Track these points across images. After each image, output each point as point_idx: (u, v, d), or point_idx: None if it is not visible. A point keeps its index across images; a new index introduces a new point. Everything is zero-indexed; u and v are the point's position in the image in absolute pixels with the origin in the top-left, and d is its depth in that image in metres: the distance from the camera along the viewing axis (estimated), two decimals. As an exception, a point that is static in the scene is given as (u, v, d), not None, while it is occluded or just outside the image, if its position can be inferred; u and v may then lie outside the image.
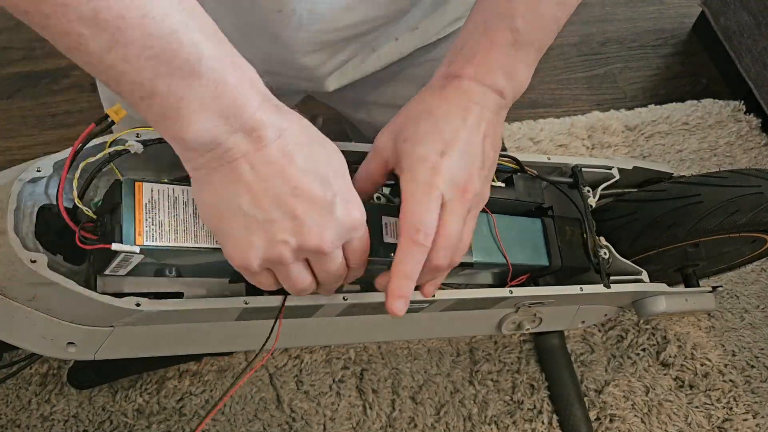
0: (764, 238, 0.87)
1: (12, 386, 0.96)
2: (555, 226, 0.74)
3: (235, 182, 0.45)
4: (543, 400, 1.03)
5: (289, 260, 0.47)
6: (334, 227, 0.47)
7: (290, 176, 0.45)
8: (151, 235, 0.51)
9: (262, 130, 0.44)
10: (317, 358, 1.02)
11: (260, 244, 0.46)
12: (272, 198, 0.45)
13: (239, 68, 0.43)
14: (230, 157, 0.44)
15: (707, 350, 1.08)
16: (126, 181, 0.51)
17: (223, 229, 0.47)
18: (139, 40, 0.39)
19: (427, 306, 0.69)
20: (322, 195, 0.46)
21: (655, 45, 1.48)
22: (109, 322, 0.58)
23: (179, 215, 0.52)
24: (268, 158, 0.45)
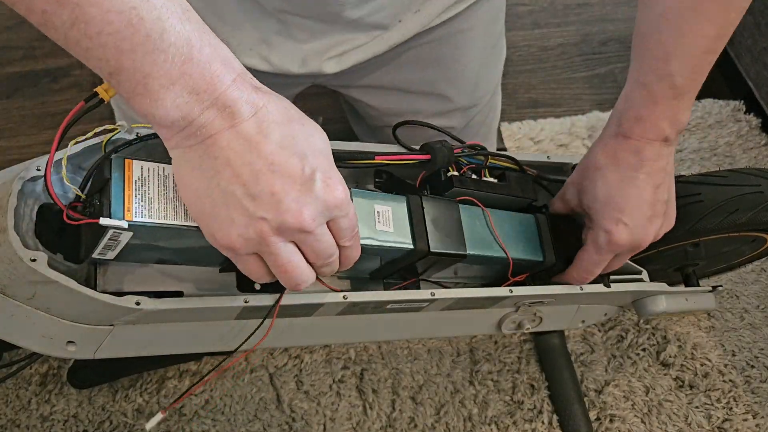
0: (764, 238, 0.87)
1: (12, 386, 0.96)
2: (549, 222, 0.74)
3: (211, 160, 0.45)
4: (543, 400, 1.02)
5: (271, 237, 0.47)
6: (313, 203, 0.47)
7: (267, 152, 0.45)
8: (140, 212, 0.50)
9: (235, 106, 0.44)
10: (317, 358, 1.02)
11: (240, 221, 0.46)
12: (249, 174, 0.45)
13: (209, 45, 0.43)
14: (204, 134, 0.44)
15: (707, 350, 1.08)
16: (116, 158, 0.51)
17: (202, 209, 0.47)
18: (99, 16, 0.39)
19: (427, 306, 0.69)
20: (300, 171, 0.46)
21: (655, 45, 1.48)
22: (109, 320, 0.58)
23: (169, 194, 0.51)
24: (243, 134, 0.45)
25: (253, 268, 0.50)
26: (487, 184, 0.71)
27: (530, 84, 1.38)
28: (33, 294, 0.54)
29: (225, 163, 0.45)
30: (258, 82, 0.47)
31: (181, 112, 0.43)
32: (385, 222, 0.61)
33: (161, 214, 0.50)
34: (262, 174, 0.45)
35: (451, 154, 0.67)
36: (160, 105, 0.43)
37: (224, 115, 0.44)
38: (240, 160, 0.45)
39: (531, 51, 1.43)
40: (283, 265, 0.49)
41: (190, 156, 0.46)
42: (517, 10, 1.48)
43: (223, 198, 0.45)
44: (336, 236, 0.50)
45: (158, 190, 0.51)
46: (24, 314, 0.56)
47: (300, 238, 0.48)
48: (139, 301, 0.54)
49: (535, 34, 1.46)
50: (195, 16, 0.43)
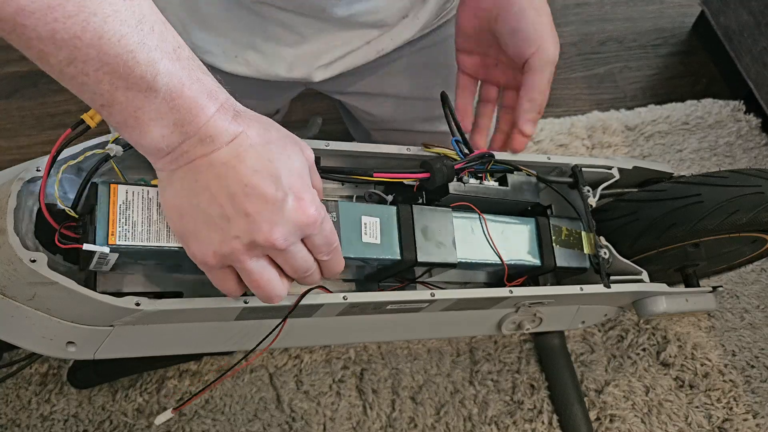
0: (764, 238, 0.87)
1: (12, 386, 0.96)
2: (550, 225, 0.73)
3: (192, 182, 0.48)
4: (543, 400, 1.03)
5: (243, 255, 0.49)
6: (284, 223, 0.49)
7: (241, 175, 0.47)
8: (123, 235, 0.52)
9: (215, 135, 0.47)
10: (317, 358, 1.02)
11: (215, 239, 0.49)
12: (226, 197, 0.48)
13: (197, 81, 0.46)
14: (186, 159, 0.47)
15: (707, 350, 1.08)
16: (101, 183, 0.53)
17: (184, 227, 0.50)
18: (96, 57, 0.41)
19: (427, 306, 0.69)
20: (273, 193, 0.48)
21: (655, 44, 1.48)
22: (109, 321, 0.58)
23: (152, 216, 0.54)
24: (220, 159, 0.47)
25: (225, 283, 0.52)
26: (486, 190, 0.71)
27: (530, 84, 1.38)
28: (33, 295, 0.54)
29: (204, 187, 0.48)
30: (241, 107, 0.50)
31: (167, 141, 0.46)
32: (371, 234, 0.63)
33: (144, 237, 0.53)
34: (236, 197, 0.47)
35: (451, 173, 0.66)
36: (148, 136, 0.46)
37: (205, 143, 0.47)
38: (217, 184, 0.47)
39: (531, 51, 1.43)
40: (255, 281, 0.51)
41: (174, 178, 0.49)
42: (517, 9, 1.48)
43: (202, 218, 0.49)
44: (312, 252, 0.53)
45: (142, 213, 0.54)
46: (24, 315, 0.56)
47: (274, 254, 0.51)
48: (139, 302, 0.54)
49: (535, 33, 1.46)
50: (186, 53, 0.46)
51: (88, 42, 0.40)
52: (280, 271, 0.53)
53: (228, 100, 0.49)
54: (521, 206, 0.74)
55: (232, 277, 0.52)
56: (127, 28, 0.41)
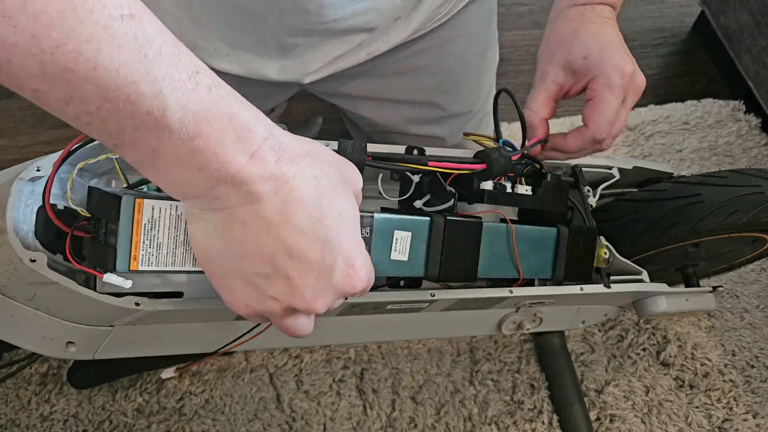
0: (764, 238, 0.87)
1: (12, 386, 0.96)
2: (569, 236, 0.72)
3: (227, 231, 0.42)
4: (543, 400, 1.02)
5: (279, 315, 0.45)
6: (329, 294, 0.45)
7: (286, 237, 0.42)
8: (147, 259, 0.48)
9: (253, 185, 0.40)
10: (317, 358, 1.02)
11: (250, 294, 0.44)
12: (264, 256, 0.42)
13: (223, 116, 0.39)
14: (219, 205, 0.41)
15: (707, 350, 1.08)
16: (126, 199, 0.47)
17: (212, 270, 0.45)
18: (95, 93, 0.35)
19: (427, 306, 0.69)
20: (320, 259, 0.43)
21: (655, 44, 1.48)
22: (109, 321, 0.58)
23: (179, 236, 0.49)
24: (261, 215, 0.41)
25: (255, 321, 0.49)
26: (520, 198, 0.68)
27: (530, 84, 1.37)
28: (33, 295, 0.54)
29: (240, 240, 0.42)
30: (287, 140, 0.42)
31: (193, 187, 0.40)
32: (401, 250, 0.60)
33: (169, 260, 0.48)
34: (279, 257, 0.42)
35: (509, 164, 0.64)
36: (169, 178, 0.40)
37: (240, 192, 0.40)
38: (256, 241, 0.42)
39: (531, 51, 1.43)
40: (287, 329, 0.47)
41: (205, 218, 0.43)
42: (517, 9, 1.48)
43: (236, 271, 0.43)
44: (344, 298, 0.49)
45: (168, 233, 0.49)
46: (24, 315, 0.56)
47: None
48: (139, 302, 0.54)
49: (535, 34, 1.46)
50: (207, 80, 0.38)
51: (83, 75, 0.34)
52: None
53: (269, 138, 0.41)
54: (551, 215, 0.73)
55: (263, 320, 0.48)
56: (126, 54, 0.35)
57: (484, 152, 0.64)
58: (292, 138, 0.43)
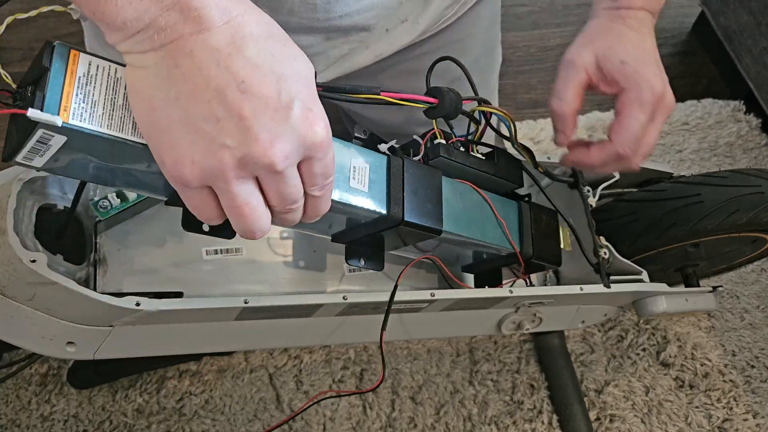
0: (764, 238, 0.87)
1: (12, 386, 0.96)
2: (531, 213, 0.71)
3: (170, 69, 0.38)
4: (543, 400, 1.02)
5: (231, 172, 0.40)
6: (288, 136, 0.40)
7: (238, 67, 0.38)
8: (79, 114, 0.41)
9: (203, 9, 0.37)
10: (317, 358, 1.02)
11: (197, 145, 0.39)
12: (214, 91, 0.38)
13: None
14: (164, 38, 0.38)
15: (707, 350, 1.08)
16: (59, 45, 0.41)
17: (155, 126, 0.40)
18: None
19: (427, 306, 0.69)
20: (276, 94, 0.39)
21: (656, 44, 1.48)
22: (109, 321, 0.58)
23: (117, 100, 0.42)
24: (211, 43, 0.38)
25: (203, 206, 0.43)
26: (475, 160, 0.66)
27: (530, 84, 1.38)
28: (33, 295, 0.54)
29: (187, 75, 0.38)
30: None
31: (137, 11, 0.37)
32: (360, 180, 0.55)
33: (104, 122, 0.42)
34: (230, 92, 0.38)
35: (459, 102, 0.61)
36: (113, 3, 0.37)
37: (189, 18, 0.37)
38: (205, 74, 0.38)
39: (530, 51, 1.43)
40: (239, 207, 0.42)
41: (147, 62, 0.39)
42: (516, 10, 1.48)
43: (181, 115, 0.39)
44: (305, 181, 0.44)
45: (105, 94, 0.42)
46: (24, 315, 0.56)
47: (264, 176, 0.41)
48: (139, 302, 0.54)
49: (535, 34, 1.46)
50: None
51: None
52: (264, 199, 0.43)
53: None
54: (506, 186, 0.70)
55: (211, 200, 0.42)
56: None
57: (436, 88, 0.62)
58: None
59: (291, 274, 0.70)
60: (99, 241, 0.62)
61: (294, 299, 0.60)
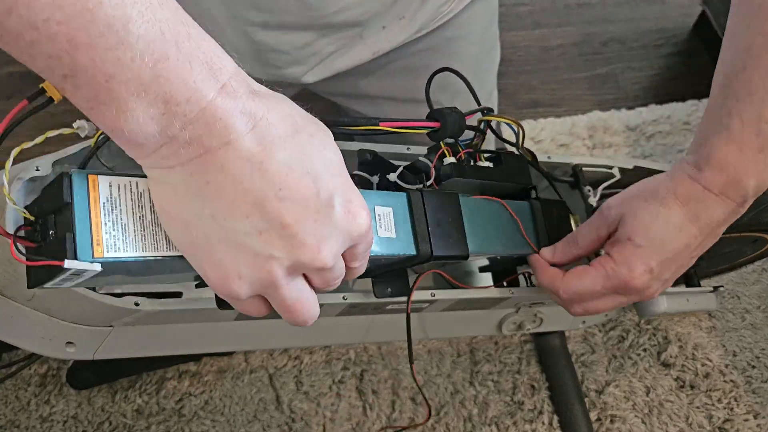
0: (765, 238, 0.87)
1: (11, 387, 0.96)
2: (542, 209, 0.70)
3: (201, 185, 0.36)
4: (543, 401, 1.02)
5: (281, 280, 0.39)
6: (334, 235, 0.39)
7: (272, 175, 0.36)
8: (113, 244, 0.39)
9: (228, 118, 0.35)
10: (317, 358, 1.02)
11: (242, 261, 0.37)
12: (252, 204, 0.36)
13: (189, 39, 0.34)
14: (190, 153, 0.35)
15: (708, 350, 1.08)
16: (76, 175, 0.39)
17: (193, 245, 0.38)
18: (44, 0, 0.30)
19: (428, 306, 0.69)
20: (315, 195, 0.37)
21: (657, 45, 1.48)
22: (108, 321, 0.58)
23: (146, 216, 0.40)
24: (241, 154, 0.36)
25: (252, 310, 0.42)
26: (485, 171, 0.65)
27: (531, 84, 1.38)
28: (32, 295, 0.54)
29: (221, 190, 0.36)
30: (254, 82, 0.38)
31: (159, 125, 0.34)
32: (386, 227, 0.55)
33: (137, 245, 0.40)
34: (268, 201, 0.36)
35: (462, 121, 0.60)
36: (131, 117, 0.34)
37: (215, 130, 0.35)
38: (240, 187, 0.36)
39: (531, 51, 1.43)
40: (291, 306, 0.41)
41: (173, 179, 0.37)
42: (517, 10, 1.48)
43: (220, 232, 0.37)
44: (347, 259, 0.43)
45: (133, 214, 0.40)
46: (23, 315, 0.56)
47: (311, 273, 0.40)
48: (139, 302, 0.54)
49: (536, 34, 1.46)
50: (173, 2, 0.35)
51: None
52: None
53: (238, 72, 0.37)
54: (516, 189, 0.70)
55: (262, 303, 0.41)
56: None
57: (437, 110, 0.61)
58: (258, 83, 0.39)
59: (291, 274, 0.70)
60: (98, 241, 0.62)
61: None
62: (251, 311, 0.42)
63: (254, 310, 0.42)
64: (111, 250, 0.39)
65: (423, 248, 0.57)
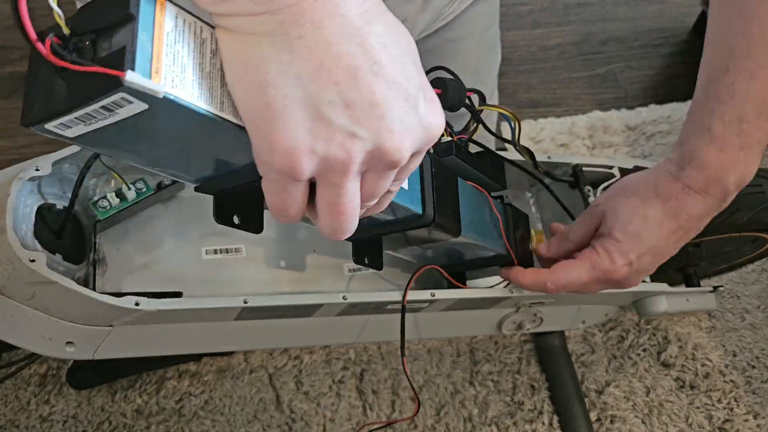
0: (765, 238, 0.87)
1: (11, 387, 0.96)
2: (512, 214, 0.70)
3: (292, 40, 0.31)
4: (543, 401, 1.02)
5: (356, 165, 0.34)
6: (416, 131, 0.35)
7: (371, 46, 0.32)
8: (171, 80, 0.32)
9: None
10: (317, 358, 1.02)
11: (321, 134, 0.33)
12: (345, 71, 0.32)
13: None
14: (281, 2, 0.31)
15: (708, 351, 1.08)
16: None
17: (266, 107, 0.32)
18: None
19: (427, 306, 0.69)
20: (405, 81, 0.34)
21: (656, 44, 1.48)
22: (108, 321, 0.58)
23: (205, 66, 0.34)
24: (342, 12, 0.32)
25: (291, 201, 0.36)
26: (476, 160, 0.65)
27: (530, 84, 1.38)
28: (32, 294, 0.54)
29: (313, 49, 0.32)
30: None
31: None
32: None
33: (195, 91, 0.33)
34: (362, 73, 0.32)
35: (463, 92, 0.60)
36: None
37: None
38: (335, 50, 0.32)
39: (531, 51, 1.43)
40: (343, 205, 0.36)
41: (259, 28, 0.32)
42: (517, 9, 1.48)
43: (302, 96, 0.32)
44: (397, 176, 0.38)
45: (193, 57, 0.34)
46: (23, 315, 0.56)
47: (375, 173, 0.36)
48: (139, 302, 0.54)
49: (535, 33, 1.46)
50: None
51: None
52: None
53: None
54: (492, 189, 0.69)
55: (305, 194, 0.36)
56: None
57: (438, 78, 0.60)
58: None
59: (291, 274, 0.70)
60: (98, 241, 0.62)
61: (294, 299, 0.60)
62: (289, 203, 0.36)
63: (293, 202, 0.36)
64: (169, 84, 0.32)
65: (428, 210, 0.55)
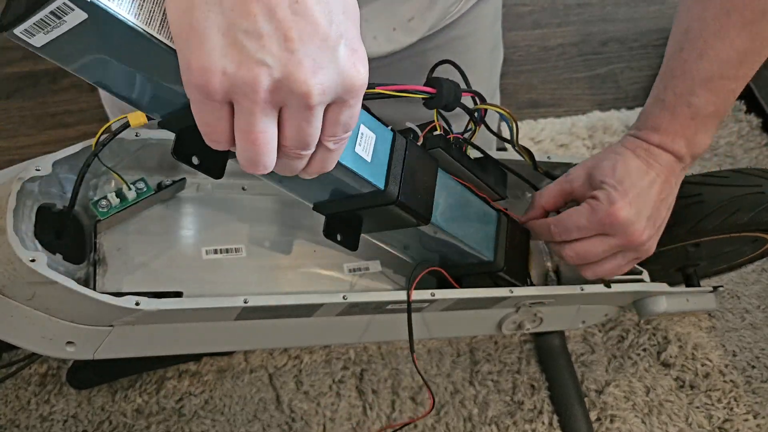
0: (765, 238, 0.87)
1: (11, 386, 0.96)
2: (509, 225, 0.71)
3: None
4: (543, 401, 1.02)
5: (263, 92, 0.37)
6: (332, 70, 0.37)
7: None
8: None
9: None
10: (317, 358, 1.02)
11: (233, 58, 0.35)
12: (264, 5, 0.35)
13: None
14: None
15: (708, 350, 1.08)
16: None
17: (190, 28, 0.36)
18: None
19: (428, 306, 0.69)
20: (327, 24, 0.36)
21: (657, 45, 1.48)
22: (109, 321, 0.58)
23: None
24: None
25: (216, 123, 0.39)
26: (469, 161, 0.66)
27: (530, 84, 1.38)
28: (32, 295, 0.54)
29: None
30: None
31: None
32: (365, 148, 0.53)
33: (132, 9, 0.37)
34: (280, 9, 0.35)
35: (458, 92, 0.61)
36: None
37: None
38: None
39: (531, 51, 1.43)
40: (255, 133, 0.38)
41: None
42: (517, 10, 1.48)
43: (221, 22, 0.35)
44: (326, 128, 0.41)
45: None
46: (23, 315, 0.56)
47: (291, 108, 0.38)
48: (139, 302, 0.54)
49: (536, 34, 1.46)
50: None
51: None
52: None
53: None
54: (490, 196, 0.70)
55: (227, 118, 0.39)
56: None
57: (434, 78, 0.61)
58: None
59: (291, 273, 0.70)
60: (98, 241, 0.62)
61: (294, 299, 0.60)
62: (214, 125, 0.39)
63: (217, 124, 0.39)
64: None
65: (391, 187, 0.56)
